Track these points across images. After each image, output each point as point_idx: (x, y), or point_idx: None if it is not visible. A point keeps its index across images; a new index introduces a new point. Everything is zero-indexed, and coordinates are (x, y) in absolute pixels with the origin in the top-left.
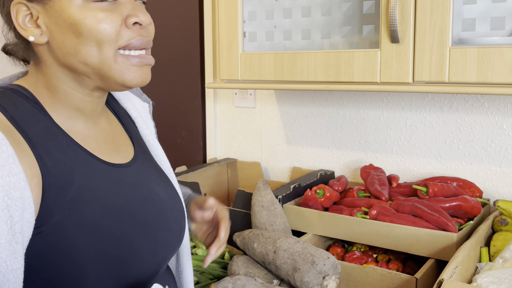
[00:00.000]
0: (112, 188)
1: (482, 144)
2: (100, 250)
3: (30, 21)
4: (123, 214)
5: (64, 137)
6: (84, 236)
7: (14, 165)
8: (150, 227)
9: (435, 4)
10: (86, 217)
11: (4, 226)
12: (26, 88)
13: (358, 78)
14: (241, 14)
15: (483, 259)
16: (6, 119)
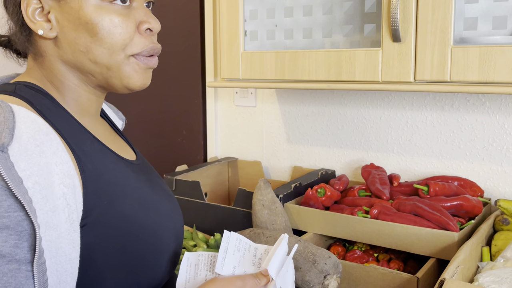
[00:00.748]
0: (135, 182)
1: (484, 144)
2: (136, 243)
3: (40, 14)
4: (150, 207)
5: (86, 132)
6: (124, 229)
7: (63, 153)
8: (171, 219)
9: (437, 3)
10: (124, 209)
11: (62, 214)
12: (36, 84)
13: (360, 77)
14: (242, 13)
15: (485, 258)
16: (37, 113)
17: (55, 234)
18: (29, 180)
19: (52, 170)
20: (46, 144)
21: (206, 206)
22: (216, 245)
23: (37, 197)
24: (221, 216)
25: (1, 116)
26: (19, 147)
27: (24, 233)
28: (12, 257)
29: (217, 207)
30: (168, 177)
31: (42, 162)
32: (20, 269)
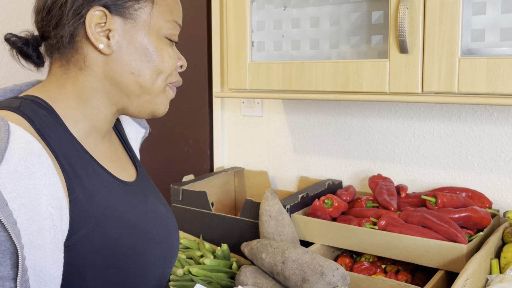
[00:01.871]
0: (126, 205)
1: (491, 155)
2: (119, 266)
3: (101, 30)
4: (138, 231)
5: (84, 153)
6: (107, 251)
7: (53, 176)
8: (160, 244)
9: (444, 14)
10: (108, 233)
11: (47, 235)
12: (44, 100)
13: (367, 88)
14: (249, 24)
15: (494, 271)
16: (35, 132)
17: (40, 253)
18: (15, 202)
19: (40, 192)
20: (36, 166)
21: (212, 216)
22: (223, 255)
23: (22, 219)
24: (227, 226)
25: None
26: (7, 169)
27: (7, 252)
28: None
29: (224, 217)
30: (175, 187)
31: (30, 184)
32: (4, 285)
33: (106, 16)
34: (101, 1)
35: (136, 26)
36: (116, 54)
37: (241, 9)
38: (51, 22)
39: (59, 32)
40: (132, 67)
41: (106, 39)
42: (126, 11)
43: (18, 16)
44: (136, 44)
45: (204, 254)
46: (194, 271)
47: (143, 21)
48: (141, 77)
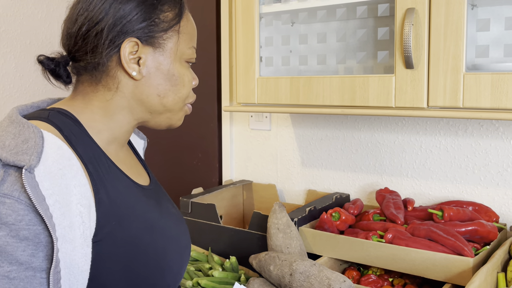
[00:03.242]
0: (145, 206)
1: (498, 169)
2: (140, 262)
3: (132, 58)
4: (157, 230)
5: (106, 159)
6: (129, 248)
7: (82, 177)
8: (176, 241)
9: (449, 31)
10: (130, 231)
11: (77, 231)
12: (69, 111)
13: (373, 103)
14: (258, 40)
15: (500, 285)
16: (64, 139)
17: (70, 247)
18: (51, 198)
19: (70, 191)
20: (67, 168)
21: (221, 229)
22: (231, 268)
23: (57, 214)
24: (236, 239)
25: (33, 141)
26: (44, 169)
27: (40, 245)
28: (28, 265)
29: (232, 230)
30: (184, 200)
31: (62, 183)
32: (35, 276)
33: (138, 46)
34: (134, 33)
35: (164, 54)
36: (145, 79)
37: (250, 25)
38: (85, 48)
39: (94, 58)
40: (158, 90)
41: (137, 66)
42: (155, 40)
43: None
44: (164, 70)
45: (213, 266)
46: (203, 283)
47: (169, 49)
48: (165, 99)
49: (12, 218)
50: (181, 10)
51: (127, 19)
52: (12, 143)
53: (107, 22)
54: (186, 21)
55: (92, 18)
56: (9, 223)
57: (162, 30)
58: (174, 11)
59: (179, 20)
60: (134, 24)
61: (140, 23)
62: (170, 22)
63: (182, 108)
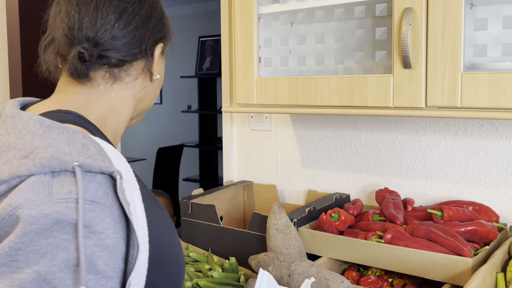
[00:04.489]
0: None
1: (498, 168)
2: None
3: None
4: (171, 228)
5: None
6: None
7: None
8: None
9: (447, 30)
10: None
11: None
12: (75, 112)
13: (372, 103)
14: (256, 40)
15: (499, 285)
16: None
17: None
18: (131, 205)
19: (134, 196)
20: (127, 172)
21: (221, 230)
22: (231, 268)
23: (134, 220)
24: (236, 239)
25: (92, 146)
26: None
27: (114, 253)
28: (104, 274)
29: (232, 230)
30: (184, 201)
31: (129, 188)
32: (107, 285)
33: (163, 51)
34: (164, 38)
35: (164, 59)
36: (155, 82)
37: (248, 26)
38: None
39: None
40: (155, 93)
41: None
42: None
43: None
44: (162, 73)
45: (213, 267)
46: (203, 284)
47: (165, 54)
48: (153, 101)
49: (101, 226)
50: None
51: (161, 25)
52: (74, 150)
53: (148, 26)
54: None
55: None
56: (98, 231)
57: (170, 36)
58: (168, 19)
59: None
60: (165, 30)
61: (168, 29)
62: (169, 28)
63: None
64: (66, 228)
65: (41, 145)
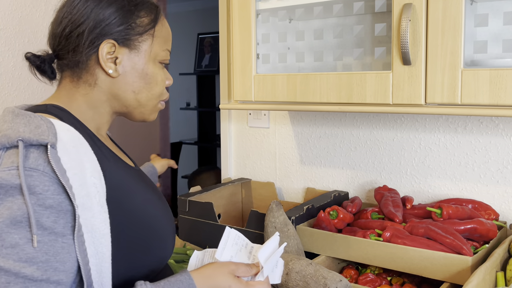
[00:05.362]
0: (138, 183)
1: (498, 166)
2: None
3: (109, 57)
4: (153, 204)
5: (100, 142)
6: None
7: (91, 154)
8: (167, 217)
9: (447, 26)
10: (129, 203)
11: (94, 199)
12: (59, 105)
13: (371, 100)
14: (254, 37)
15: (499, 283)
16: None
17: (90, 214)
18: (70, 171)
19: (84, 166)
20: (79, 146)
21: (219, 228)
22: None
23: (76, 185)
24: None
25: (44, 125)
26: (62, 147)
27: (62, 212)
28: (52, 230)
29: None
30: (182, 198)
31: (77, 158)
32: (57, 240)
33: (115, 47)
34: (112, 35)
35: (139, 55)
36: (121, 76)
37: (247, 22)
38: (68, 47)
39: (75, 56)
40: (133, 87)
41: (114, 65)
42: (131, 43)
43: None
44: (138, 69)
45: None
46: None
47: (144, 50)
48: (139, 95)
49: (40, 188)
50: (157, 16)
51: (106, 23)
52: (26, 129)
53: (88, 25)
54: (161, 26)
55: (75, 20)
56: (37, 192)
57: (137, 33)
58: (150, 17)
59: (154, 25)
60: (112, 28)
61: (118, 26)
62: (146, 26)
63: (155, 105)
64: (10, 192)
65: (5, 128)
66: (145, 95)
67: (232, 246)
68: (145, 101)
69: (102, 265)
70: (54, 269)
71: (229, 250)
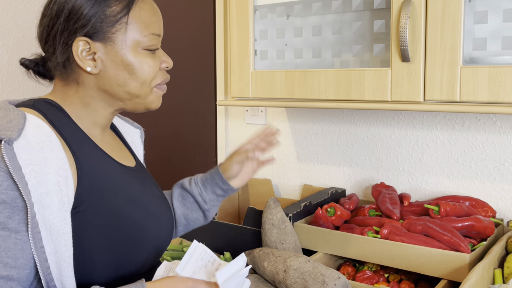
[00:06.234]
0: (127, 183)
1: (495, 163)
2: (119, 231)
3: (86, 54)
4: (138, 204)
5: (89, 140)
6: (109, 218)
7: (60, 152)
8: (155, 217)
9: (446, 23)
10: (110, 202)
11: (55, 197)
12: (53, 100)
13: (369, 97)
14: (252, 33)
15: (497, 280)
16: (47, 122)
17: (48, 212)
18: (27, 168)
19: (49, 163)
20: (46, 143)
21: (215, 225)
22: None
23: (33, 181)
24: (230, 235)
25: (16, 120)
26: (23, 143)
27: (17, 208)
28: (4, 226)
29: (226, 225)
30: None
31: (41, 156)
32: (10, 236)
33: (89, 43)
34: (82, 32)
35: (115, 47)
36: (103, 72)
37: (244, 18)
38: (49, 50)
39: (56, 58)
40: (118, 81)
41: (93, 61)
42: (104, 35)
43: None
44: (118, 61)
45: None
46: None
47: (120, 41)
48: (127, 87)
49: None
50: (130, 1)
51: (74, 20)
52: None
53: (59, 25)
54: (139, 10)
55: (49, 23)
56: None
57: (109, 24)
58: (121, 3)
59: (127, 11)
60: (81, 23)
61: (87, 21)
62: (117, 15)
63: (150, 92)
64: None
65: None
66: (133, 85)
67: (196, 261)
68: (136, 92)
69: (61, 264)
70: (4, 264)
71: (192, 265)
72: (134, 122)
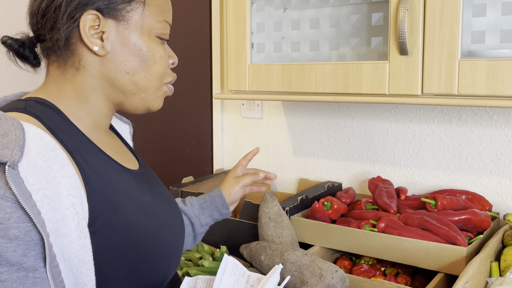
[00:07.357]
0: (137, 190)
1: (492, 157)
2: (140, 246)
3: (94, 32)
4: (153, 214)
5: (91, 145)
6: (128, 233)
7: (69, 167)
8: (170, 223)
9: (444, 16)
10: (127, 216)
11: (71, 223)
12: (47, 100)
13: (367, 90)
14: (249, 25)
15: (494, 274)
16: (46, 129)
17: (67, 240)
18: (38, 194)
19: (59, 183)
20: (53, 160)
21: None
22: (221, 258)
23: (46, 209)
24: (227, 228)
25: (13, 134)
26: (28, 163)
27: (32, 243)
28: (20, 266)
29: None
30: (174, 189)
31: (50, 176)
32: (28, 276)
33: (99, 19)
34: (94, 5)
35: (129, 28)
36: (110, 55)
37: (241, 10)
38: (46, 25)
39: (54, 35)
40: (126, 67)
41: (100, 41)
42: (118, 13)
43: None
44: (130, 45)
45: (203, 256)
46: (193, 273)
47: (135, 22)
48: (135, 77)
49: (0, 216)
50: None
51: None
52: None
53: None
54: None
55: None
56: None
57: (124, 1)
58: None
59: None
60: None
61: None
62: None
63: (158, 88)
64: None
65: None
66: (143, 76)
67: (230, 276)
68: (144, 84)
69: None
70: None
71: (226, 280)
72: (123, 117)
